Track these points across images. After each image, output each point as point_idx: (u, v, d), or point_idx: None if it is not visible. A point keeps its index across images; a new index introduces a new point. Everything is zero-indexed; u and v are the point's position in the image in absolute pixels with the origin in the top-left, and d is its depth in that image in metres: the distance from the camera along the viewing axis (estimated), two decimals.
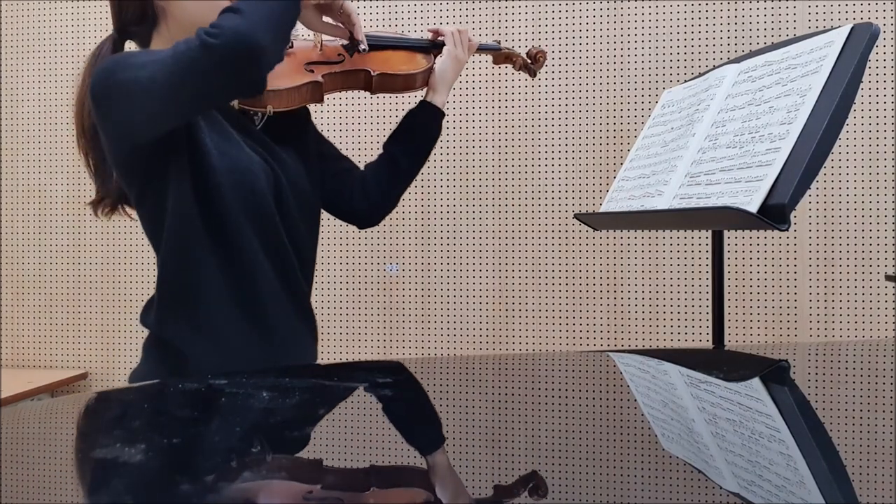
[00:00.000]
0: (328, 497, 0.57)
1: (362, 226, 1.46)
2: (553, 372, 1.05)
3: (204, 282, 1.17)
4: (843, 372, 1.04)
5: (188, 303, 1.18)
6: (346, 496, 0.58)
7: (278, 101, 1.25)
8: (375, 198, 1.41)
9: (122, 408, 0.87)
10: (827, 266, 2.30)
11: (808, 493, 0.57)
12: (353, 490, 0.59)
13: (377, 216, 1.44)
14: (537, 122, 2.44)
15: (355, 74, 1.37)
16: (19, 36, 2.69)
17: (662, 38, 2.38)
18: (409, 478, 0.62)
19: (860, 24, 1.09)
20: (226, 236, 1.16)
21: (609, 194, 1.50)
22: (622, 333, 2.40)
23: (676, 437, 0.72)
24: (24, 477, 0.62)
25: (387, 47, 1.43)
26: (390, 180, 1.40)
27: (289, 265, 1.23)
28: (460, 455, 0.68)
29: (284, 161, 1.25)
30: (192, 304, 1.18)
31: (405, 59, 1.42)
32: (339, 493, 0.59)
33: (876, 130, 2.28)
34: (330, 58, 1.35)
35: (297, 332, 1.25)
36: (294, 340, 1.25)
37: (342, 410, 0.84)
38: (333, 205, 1.39)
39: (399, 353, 2.50)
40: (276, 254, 1.21)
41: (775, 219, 1.02)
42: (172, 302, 1.18)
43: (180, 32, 1.17)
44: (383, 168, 1.41)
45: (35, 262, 2.69)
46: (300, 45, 1.35)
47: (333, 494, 0.58)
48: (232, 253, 1.17)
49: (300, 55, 1.34)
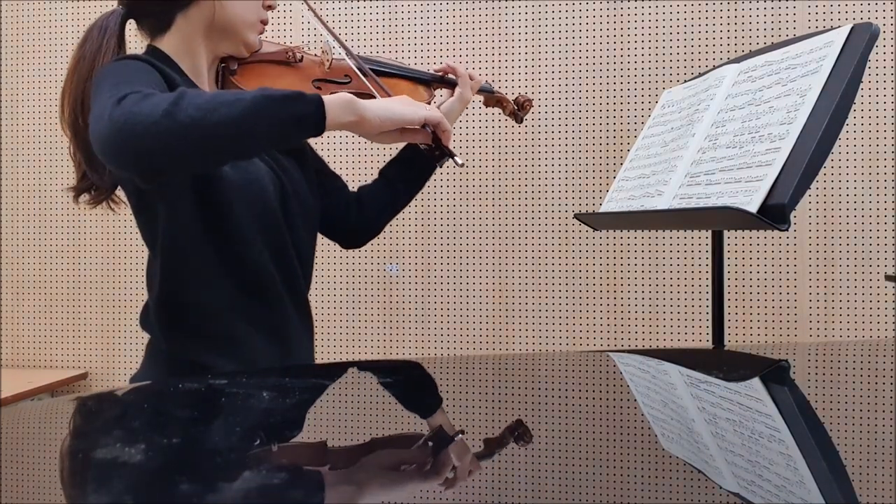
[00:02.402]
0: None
1: (347, 245, 1.49)
2: (553, 372, 1.05)
3: (212, 291, 1.17)
4: (843, 372, 1.04)
5: (195, 312, 1.18)
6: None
7: None
8: (369, 219, 1.44)
9: (122, 408, 0.87)
10: (827, 266, 2.30)
11: (808, 493, 0.57)
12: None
13: (365, 238, 1.47)
14: (537, 122, 2.44)
15: (361, 97, 1.37)
16: (19, 36, 2.69)
17: (662, 38, 2.38)
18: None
19: (860, 24, 1.09)
20: (234, 245, 1.17)
21: (609, 194, 1.50)
22: (622, 333, 2.40)
23: (676, 437, 0.72)
24: (24, 477, 0.62)
25: (393, 75, 1.43)
26: (385, 204, 1.44)
27: (292, 269, 1.24)
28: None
29: (287, 169, 1.26)
30: (200, 313, 1.18)
31: (409, 89, 1.43)
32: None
33: (876, 130, 2.28)
34: (337, 77, 1.34)
35: (297, 330, 1.26)
36: (296, 340, 1.26)
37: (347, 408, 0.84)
38: (324, 221, 1.38)
39: (399, 353, 2.50)
40: (281, 259, 1.22)
41: (775, 219, 1.02)
42: (177, 311, 1.18)
43: (205, 22, 1.18)
44: (379, 192, 1.43)
45: (35, 262, 2.69)
46: (308, 59, 1.34)
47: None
48: (241, 261, 1.18)
49: (307, 70, 1.33)
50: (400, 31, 2.50)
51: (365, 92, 1.33)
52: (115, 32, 1.18)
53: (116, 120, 0.93)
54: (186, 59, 1.20)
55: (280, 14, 2.50)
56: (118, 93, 0.97)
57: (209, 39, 1.21)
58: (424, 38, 2.49)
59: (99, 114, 0.96)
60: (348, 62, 1.33)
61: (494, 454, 0.67)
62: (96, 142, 0.97)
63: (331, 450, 0.69)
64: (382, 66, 1.42)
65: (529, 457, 0.67)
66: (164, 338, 1.18)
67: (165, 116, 0.93)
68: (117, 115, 0.94)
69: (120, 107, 0.94)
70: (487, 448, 0.70)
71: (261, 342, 1.20)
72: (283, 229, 1.22)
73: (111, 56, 1.16)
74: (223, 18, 1.19)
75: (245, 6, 1.21)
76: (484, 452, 0.68)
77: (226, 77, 1.24)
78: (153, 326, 1.20)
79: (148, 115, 0.93)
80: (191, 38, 1.19)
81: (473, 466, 0.64)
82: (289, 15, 2.53)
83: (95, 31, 1.18)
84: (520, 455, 0.68)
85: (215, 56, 1.24)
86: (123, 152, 0.95)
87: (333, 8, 2.52)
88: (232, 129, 0.96)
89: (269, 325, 1.21)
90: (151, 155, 0.95)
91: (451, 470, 0.63)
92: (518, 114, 1.64)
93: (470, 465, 0.64)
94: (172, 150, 0.95)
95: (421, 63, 2.47)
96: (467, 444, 0.70)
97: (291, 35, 2.51)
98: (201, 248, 1.16)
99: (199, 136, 0.95)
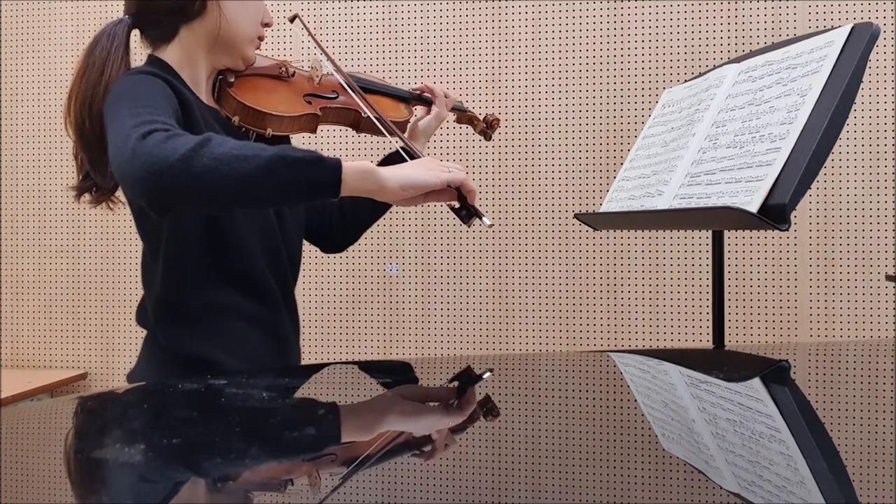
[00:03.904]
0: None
1: (327, 250, 1.54)
2: (553, 372, 1.05)
3: (212, 292, 1.22)
4: (843, 372, 1.04)
5: (194, 311, 1.22)
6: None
7: (279, 126, 1.29)
8: (351, 228, 1.49)
9: (121, 407, 0.87)
10: (827, 266, 2.30)
11: (808, 493, 0.57)
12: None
13: (345, 245, 1.52)
14: (537, 122, 2.43)
15: (347, 112, 1.42)
16: (19, 36, 2.69)
17: (662, 38, 2.38)
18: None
19: (860, 24, 1.09)
20: (233, 248, 1.22)
21: (609, 194, 1.50)
22: (622, 333, 2.40)
23: (676, 438, 0.72)
24: (24, 477, 0.62)
25: (377, 92, 1.49)
26: (368, 215, 1.49)
27: (283, 269, 1.30)
28: (460, 455, 0.68)
29: None
30: (199, 312, 1.22)
31: (392, 107, 1.50)
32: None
33: (876, 130, 2.28)
34: (326, 92, 1.40)
35: (287, 327, 1.32)
36: (287, 336, 1.32)
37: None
38: (308, 228, 1.43)
39: (399, 353, 2.50)
40: (274, 260, 1.28)
41: (775, 219, 1.02)
42: (176, 310, 1.22)
43: (208, 36, 1.21)
44: (363, 203, 1.46)
45: (35, 262, 2.68)
46: (299, 75, 1.40)
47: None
48: (240, 263, 1.23)
49: (298, 84, 1.38)
50: (400, 31, 2.50)
51: (352, 108, 1.39)
52: (122, 41, 1.21)
53: (139, 157, 0.97)
54: (187, 70, 1.23)
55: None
56: (140, 121, 1.01)
57: (210, 52, 1.25)
58: (424, 38, 2.49)
59: (122, 143, 1.00)
60: (337, 78, 1.38)
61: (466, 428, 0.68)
62: (118, 170, 1.01)
63: (329, 449, 0.69)
64: (367, 83, 1.48)
65: (529, 457, 0.67)
66: (163, 334, 1.22)
67: (183, 161, 0.96)
68: (141, 154, 0.97)
69: (144, 144, 0.97)
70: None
71: (256, 338, 1.25)
72: (276, 231, 1.27)
73: (119, 64, 1.19)
74: (227, 33, 1.23)
75: (248, 23, 1.25)
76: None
77: (223, 89, 1.28)
78: (150, 323, 1.24)
79: (167, 158, 0.96)
80: (193, 50, 1.23)
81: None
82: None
83: (105, 39, 1.21)
84: (520, 455, 0.68)
85: (214, 68, 1.28)
86: (142, 189, 0.99)
87: (333, 8, 2.52)
88: (243, 184, 0.98)
89: (263, 322, 1.26)
90: (165, 194, 0.99)
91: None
92: (487, 132, 1.71)
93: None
94: (184, 195, 0.99)
95: (420, 63, 2.47)
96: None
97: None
98: (203, 252, 1.20)
99: (211, 185, 0.97)
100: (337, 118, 1.42)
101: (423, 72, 2.47)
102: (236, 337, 1.23)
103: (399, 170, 1.09)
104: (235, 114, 1.27)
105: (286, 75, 1.36)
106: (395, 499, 0.57)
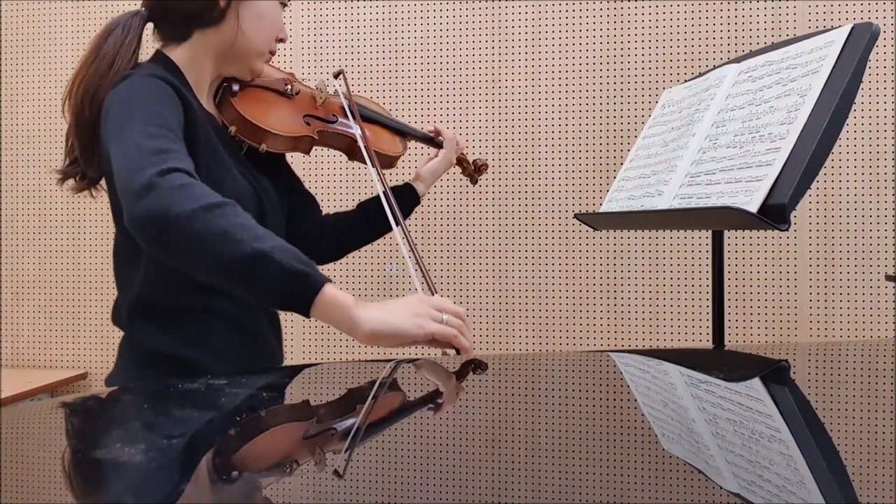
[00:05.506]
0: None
1: (318, 260, 1.52)
2: (553, 372, 1.05)
3: (192, 297, 1.20)
4: (843, 372, 1.04)
5: (173, 313, 1.21)
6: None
7: (274, 143, 1.30)
8: (337, 246, 1.53)
9: (120, 407, 0.87)
10: (827, 266, 2.30)
11: (808, 493, 0.57)
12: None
13: (326, 261, 1.53)
14: (537, 122, 2.43)
15: (342, 138, 1.42)
16: (19, 36, 2.69)
17: (662, 38, 2.38)
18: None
19: (860, 24, 1.10)
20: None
21: (609, 194, 1.50)
22: (622, 333, 2.40)
23: (676, 437, 0.72)
24: (24, 477, 0.62)
25: (379, 123, 1.49)
26: (358, 237, 1.54)
27: None
28: (460, 455, 0.68)
29: (265, 185, 1.31)
30: (178, 314, 1.21)
31: (389, 140, 1.52)
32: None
33: (876, 130, 2.28)
34: (326, 116, 1.40)
35: (266, 329, 1.32)
36: (266, 338, 1.31)
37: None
38: (293, 243, 1.41)
39: (399, 353, 2.49)
40: None
41: (775, 219, 1.02)
42: (154, 312, 1.21)
43: (220, 45, 1.21)
44: (355, 224, 1.52)
45: (35, 262, 2.68)
46: (304, 93, 1.39)
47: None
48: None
49: (300, 103, 1.38)
50: (400, 31, 2.50)
51: (349, 135, 1.41)
52: (136, 35, 1.21)
53: (152, 194, 0.95)
54: (192, 72, 1.23)
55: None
56: (158, 146, 1.00)
57: (219, 60, 1.25)
58: (424, 38, 2.49)
59: (137, 164, 0.98)
60: (342, 101, 1.40)
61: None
62: (126, 187, 0.98)
63: (327, 449, 0.69)
64: (373, 113, 1.49)
65: (529, 457, 0.67)
66: (142, 335, 1.22)
67: (184, 219, 0.94)
68: (155, 193, 0.95)
69: (162, 182, 0.96)
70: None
71: (236, 339, 1.24)
72: None
73: (130, 57, 1.19)
74: (241, 45, 1.23)
75: (263, 38, 1.25)
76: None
77: (226, 97, 1.28)
78: (127, 324, 1.24)
79: (171, 207, 0.94)
80: (202, 55, 1.23)
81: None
82: (289, 18, 2.53)
83: (119, 29, 1.20)
84: (520, 455, 0.68)
85: (220, 74, 1.28)
86: (139, 223, 0.97)
87: (333, 8, 2.52)
88: (223, 263, 0.95)
89: (243, 325, 1.25)
90: (156, 238, 0.96)
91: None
92: (474, 175, 1.74)
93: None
94: (171, 245, 0.96)
95: (420, 63, 2.47)
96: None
97: (291, 38, 2.51)
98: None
99: (196, 250, 0.95)
100: (333, 143, 1.42)
101: (423, 72, 2.47)
102: (216, 338, 1.22)
103: (379, 311, 0.99)
104: (233, 123, 1.26)
105: (290, 92, 1.35)
106: (395, 499, 0.57)
